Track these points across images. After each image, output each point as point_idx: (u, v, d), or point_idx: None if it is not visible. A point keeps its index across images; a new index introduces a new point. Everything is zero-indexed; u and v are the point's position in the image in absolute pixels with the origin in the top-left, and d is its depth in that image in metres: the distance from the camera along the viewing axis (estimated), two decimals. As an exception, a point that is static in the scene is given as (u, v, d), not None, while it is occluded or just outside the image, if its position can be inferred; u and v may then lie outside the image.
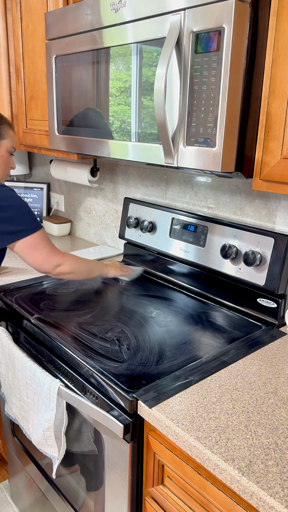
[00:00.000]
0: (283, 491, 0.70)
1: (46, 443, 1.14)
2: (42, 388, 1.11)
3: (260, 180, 0.99)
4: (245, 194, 1.39)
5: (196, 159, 1.00)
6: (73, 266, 1.32)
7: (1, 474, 1.93)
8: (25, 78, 1.77)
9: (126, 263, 1.77)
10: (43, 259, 1.26)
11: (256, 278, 1.27)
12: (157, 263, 1.63)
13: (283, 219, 1.30)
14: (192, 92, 0.97)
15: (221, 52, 0.90)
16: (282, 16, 0.87)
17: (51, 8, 1.52)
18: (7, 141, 1.35)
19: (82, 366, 1.06)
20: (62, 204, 2.32)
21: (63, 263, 1.29)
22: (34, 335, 1.27)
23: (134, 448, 0.97)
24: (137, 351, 1.10)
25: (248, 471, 0.73)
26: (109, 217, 2.00)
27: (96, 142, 1.29)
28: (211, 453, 0.77)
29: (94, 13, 1.19)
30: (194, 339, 1.18)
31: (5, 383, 1.32)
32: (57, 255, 1.28)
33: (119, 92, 1.17)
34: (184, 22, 0.95)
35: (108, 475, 1.04)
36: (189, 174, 1.55)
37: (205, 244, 1.42)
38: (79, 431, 1.13)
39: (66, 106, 1.39)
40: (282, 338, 1.20)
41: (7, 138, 1.35)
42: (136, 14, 1.06)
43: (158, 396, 0.92)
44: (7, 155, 1.37)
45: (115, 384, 0.96)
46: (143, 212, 1.66)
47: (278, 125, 0.92)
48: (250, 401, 0.92)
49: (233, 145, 0.97)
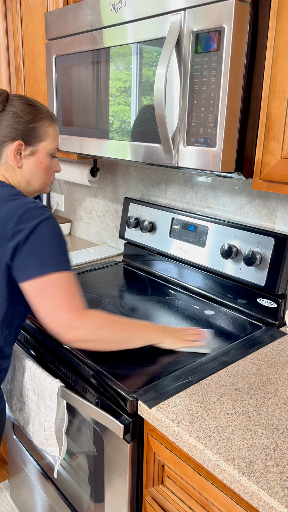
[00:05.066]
0: (283, 491, 0.70)
1: (47, 442, 1.14)
2: (43, 388, 1.11)
3: (260, 180, 0.99)
4: (245, 194, 1.39)
5: (196, 159, 1.00)
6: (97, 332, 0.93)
7: (1, 474, 1.93)
8: (25, 78, 1.77)
9: (126, 263, 1.77)
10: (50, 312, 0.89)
11: (256, 278, 1.27)
12: (157, 263, 1.63)
13: (283, 219, 1.30)
14: (192, 92, 0.97)
15: (221, 52, 0.90)
16: (282, 16, 0.87)
17: (51, 8, 1.52)
18: (47, 142, 1.03)
19: (82, 366, 1.06)
20: (62, 204, 2.32)
21: (80, 326, 0.90)
22: (34, 335, 1.27)
23: (134, 448, 0.97)
24: (137, 351, 1.10)
25: (248, 471, 0.73)
26: (109, 217, 2.00)
27: (96, 142, 1.29)
28: (211, 453, 0.77)
29: (94, 13, 1.19)
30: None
31: (5, 383, 1.32)
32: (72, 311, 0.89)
33: (119, 92, 1.17)
34: (184, 22, 0.95)
35: (108, 475, 1.04)
36: (189, 174, 1.55)
37: (205, 244, 1.42)
38: (79, 431, 1.14)
39: (66, 106, 1.39)
40: (282, 338, 1.20)
41: (47, 139, 1.03)
42: (136, 14, 1.06)
43: (158, 396, 0.92)
44: (49, 159, 1.05)
45: (115, 384, 0.96)
46: (143, 212, 1.66)
47: (278, 125, 0.92)
48: (250, 401, 0.92)
49: (233, 145, 0.97)
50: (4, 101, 0.99)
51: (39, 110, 1.02)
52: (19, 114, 0.99)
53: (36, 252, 0.88)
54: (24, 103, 1.01)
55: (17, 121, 0.99)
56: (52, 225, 0.91)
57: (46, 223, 0.91)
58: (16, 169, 1.03)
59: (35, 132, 1.01)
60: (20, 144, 1.00)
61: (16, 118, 0.99)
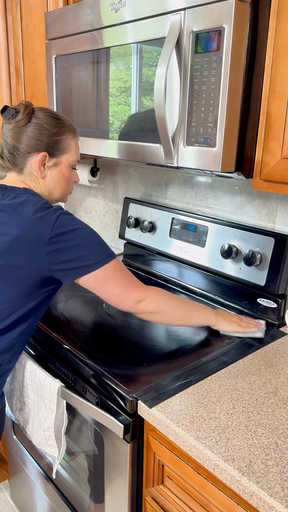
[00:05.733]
0: (283, 491, 0.70)
1: (46, 443, 1.14)
2: (42, 388, 1.11)
3: (260, 180, 0.99)
4: (245, 194, 1.39)
5: (196, 159, 1.00)
6: (160, 304, 1.04)
7: (1, 474, 1.93)
8: (25, 78, 1.77)
9: (126, 263, 1.77)
10: (119, 294, 1.01)
11: (256, 278, 1.27)
12: (157, 263, 1.63)
13: (283, 219, 1.30)
14: (192, 92, 0.97)
15: (221, 52, 0.90)
16: (282, 16, 0.87)
17: (51, 8, 1.52)
18: (69, 155, 1.08)
19: (82, 366, 1.06)
20: (62, 204, 2.32)
21: (145, 298, 1.03)
22: (35, 335, 1.27)
23: (134, 448, 0.97)
24: (137, 351, 1.10)
25: (248, 471, 0.73)
26: (109, 217, 2.00)
27: (96, 142, 1.29)
28: (211, 453, 0.77)
29: (94, 13, 1.19)
30: (194, 339, 1.18)
31: (5, 383, 1.32)
32: (136, 288, 1.03)
33: (119, 92, 1.17)
34: (184, 22, 0.95)
35: (108, 475, 1.04)
36: (189, 174, 1.55)
37: (205, 244, 1.42)
38: (79, 431, 1.14)
39: (66, 106, 1.39)
40: (282, 338, 1.20)
41: (70, 152, 1.08)
42: (136, 14, 1.06)
43: (158, 396, 0.92)
44: (70, 171, 1.10)
45: (115, 384, 0.96)
46: (143, 212, 1.66)
47: (278, 125, 0.92)
48: (250, 401, 0.92)
49: (233, 145, 0.97)
50: (30, 113, 1.03)
51: (64, 124, 1.06)
52: (44, 126, 1.03)
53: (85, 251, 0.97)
54: (49, 116, 1.05)
55: (42, 133, 1.03)
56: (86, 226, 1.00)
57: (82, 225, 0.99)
58: (40, 179, 1.07)
59: (59, 144, 1.05)
60: (45, 156, 1.04)
61: (41, 131, 1.03)
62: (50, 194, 1.10)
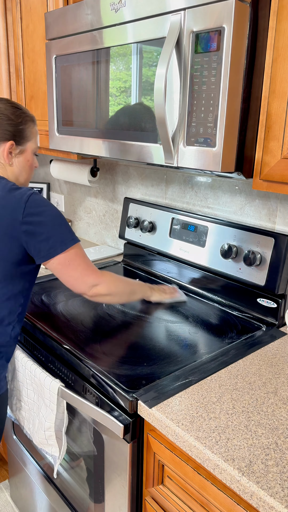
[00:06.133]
0: (283, 491, 0.70)
1: (47, 442, 1.14)
2: (43, 388, 1.11)
3: (260, 180, 0.99)
4: (245, 194, 1.39)
5: (196, 159, 1.00)
6: (111, 287, 1.16)
7: (1, 474, 1.93)
8: (25, 78, 1.77)
9: (126, 263, 1.77)
10: (77, 278, 1.10)
11: (256, 278, 1.27)
12: (157, 263, 1.63)
13: (283, 219, 1.30)
14: (192, 92, 0.97)
15: (221, 52, 0.90)
16: (282, 16, 0.87)
17: (51, 8, 1.52)
18: (32, 142, 1.18)
19: (82, 366, 1.06)
20: (62, 204, 2.32)
21: (100, 283, 1.13)
22: (34, 335, 1.27)
23: (134, 448, 0.97)
24: (137, 351, 1.10)
25: (248, 471, 0.73)
26: (109, 217, 2.00)
27: (96, 142, 1.29)
28: (211, 453, 0.77)
29: (94, 13, 1.19)
30: (194, 339, 1.18)
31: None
32: (93, 274, 1.12)
33: (119, 92, 1.17)
34: (184, 22, 0.95)
35: (108, 475, 1.04)
36: (189, 174, 1.55)
37: (205, 244, 1.42)
38: (79, 431, 1.14)
39: (66, 106, 1.39)
40: (282, 338, 1.20)
41: (32, 139, 1.18)
42: (136, 14, 1.06)
43: (158, 396, 0.92)
44: (33, 157, 1.20)
45: (115, 384, 0.96)
46: (143, 212, 1.66)
47: (278, 125, 0.92)
48: (250, 401, 0.92)
49: (233, 145, 0.97)
50: None
51: (25, 113, 1.15)
52: (10, 116, 1.11)
53: (53, 232, 1.05)
54: (12, 106, 1.12)
55: (9, 123, 1.10)
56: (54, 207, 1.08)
57: (51, 206, 1.06)
58: (7, 166, 1.14)
59: (23, 133, 1.14)
60: (12, 144, 1.12)
61: (7, 121, 1.10)
62: (16, 181, 1.17)
